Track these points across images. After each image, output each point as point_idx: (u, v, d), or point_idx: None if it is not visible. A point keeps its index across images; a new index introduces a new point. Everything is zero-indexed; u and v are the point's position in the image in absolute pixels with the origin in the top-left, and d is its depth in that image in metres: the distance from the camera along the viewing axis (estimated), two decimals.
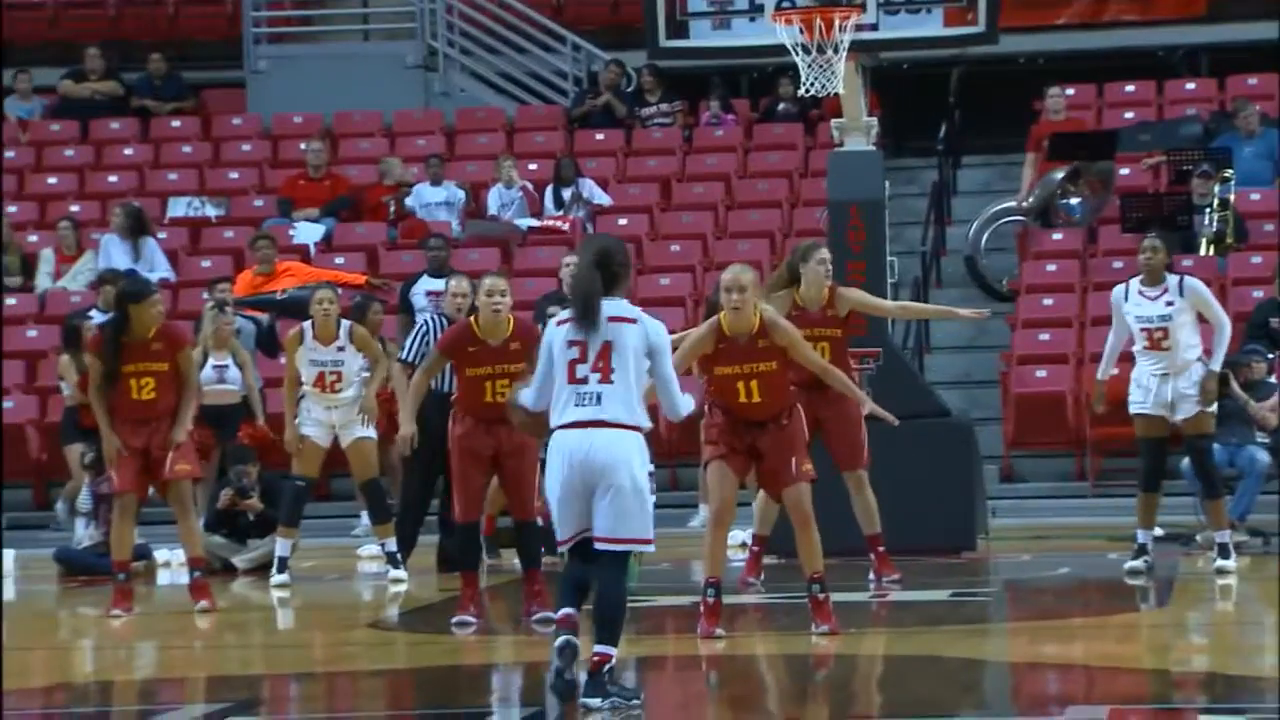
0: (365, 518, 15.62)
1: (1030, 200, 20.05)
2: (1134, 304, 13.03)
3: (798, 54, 14.48)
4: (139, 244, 19.61)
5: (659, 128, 22.00)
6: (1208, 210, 18.88)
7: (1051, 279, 19.51)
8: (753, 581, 12.75)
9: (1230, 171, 19.06)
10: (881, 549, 12.73)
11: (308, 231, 20.35)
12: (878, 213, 15.01)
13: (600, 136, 21.97)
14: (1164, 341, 12.92)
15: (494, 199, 20.75)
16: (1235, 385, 15.22)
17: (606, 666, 8.69)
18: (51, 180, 21.80)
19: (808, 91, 14.72)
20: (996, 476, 17.77)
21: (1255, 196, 19.67)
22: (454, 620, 11.43)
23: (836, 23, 14.33)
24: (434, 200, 20.71)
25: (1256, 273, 18.49)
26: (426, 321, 13.80)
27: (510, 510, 11.98)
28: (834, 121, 15.45)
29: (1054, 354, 18.44)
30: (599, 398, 8.76)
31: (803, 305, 12.67)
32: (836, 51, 14.41)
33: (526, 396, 9.06)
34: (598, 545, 8.78)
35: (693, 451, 12.00)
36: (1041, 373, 18.29)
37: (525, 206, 20.65)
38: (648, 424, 8.90)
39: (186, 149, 22.23)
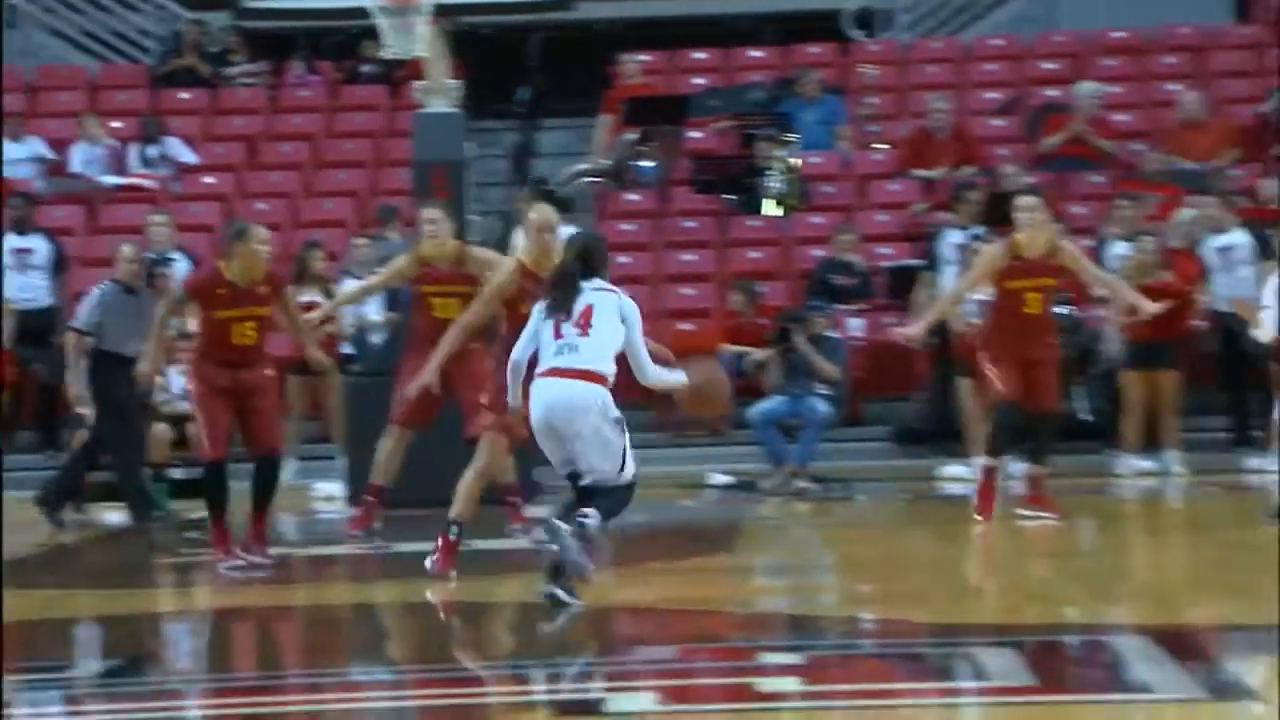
0: None
1: (606, 162, 20.24)
2: None
3: (380, 16, 14.39)
4: None
5: (245, 88, 21.66)
6: (772, 172, 19.26)
7: (627, 238, 19.70)
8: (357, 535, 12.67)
9: (793, 135, 19.48)
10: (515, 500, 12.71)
11: None
12: (460, 173, 15.04)
13: (185, 96, 21.54)
14: None
15: (78, 157, 20.21)
16: (799, 339, 15.57)
17: (588, 518, 9.38)
18: None
19: (391, 54, 14.65)
20: None
21: (816, 160, 20.13)
22: (224, 566, 11.32)
23: None
24: (16, 157, 20.07)
25: (817, 232, 18.93)
26: (103, 291, 13.84)
27: (253, 445, 11.69)
28: (416, 84, 15.40)
29: (651, 310, 18.60)
30: (577, 348, 9.62)
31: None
32: (419, 15, 14.36)
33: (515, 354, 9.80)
34: (584, 483, 9.60)
35: None
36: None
37: (110, 164, 20.17)
38: (613, 375, 9.76)
39: None
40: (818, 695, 7.41)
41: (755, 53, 22.29)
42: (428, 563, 10.60)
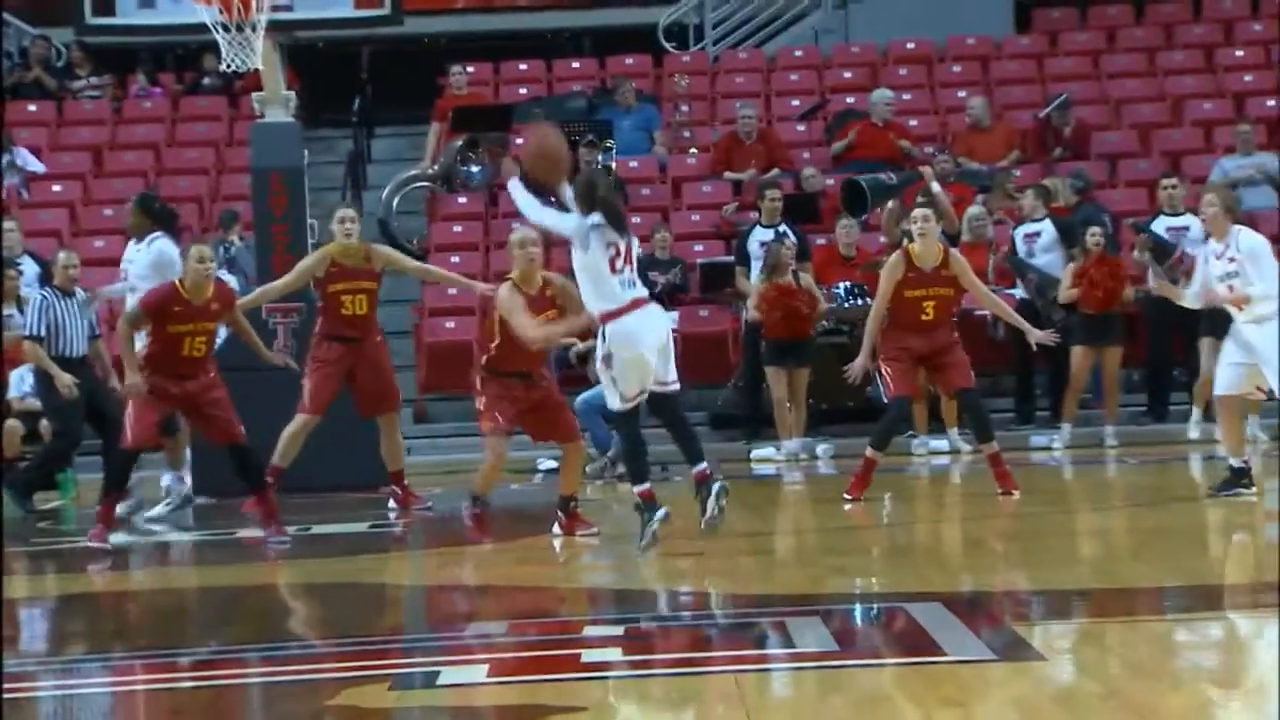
0: None
1: (435, 168, 20.17)
2: None
3: (218, 32, 14.26)
4: None
5: (90, 100, 21.37)
6: None
7: (457, 239, 19.69)
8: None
9: (612, 141, 19.52)
10: (406, 483, 13.03)
11: None
12: (298, 179, 14.94)
13: (32, 108, 21.23)
14: None
15: None
16: None
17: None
18: None
19: (229, 67, 14.51)
20: (410, 418, 17.85)
21: (634, 164, 20.20)
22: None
23: (253, 3, 14.15)
24: None
25: (636, 231, 18.89)
26: (45, 296, 13.65)
27: (219, 439, 11.65)
28: (255, 95, 15.28)
29: (461, 307, 18.62)
30: (634, 281, 10.48)
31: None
32: (255, 30, 14.23)
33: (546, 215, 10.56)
34: (670, 389, 10.51)
35: None
36: (450, 324, 18.46)
37: None
38: None
39: None
40: (638, 665, 7.45)
41: (575, 64, 22.33)
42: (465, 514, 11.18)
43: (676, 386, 10.65)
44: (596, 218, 10.42)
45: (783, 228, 17.10)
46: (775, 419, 16.24)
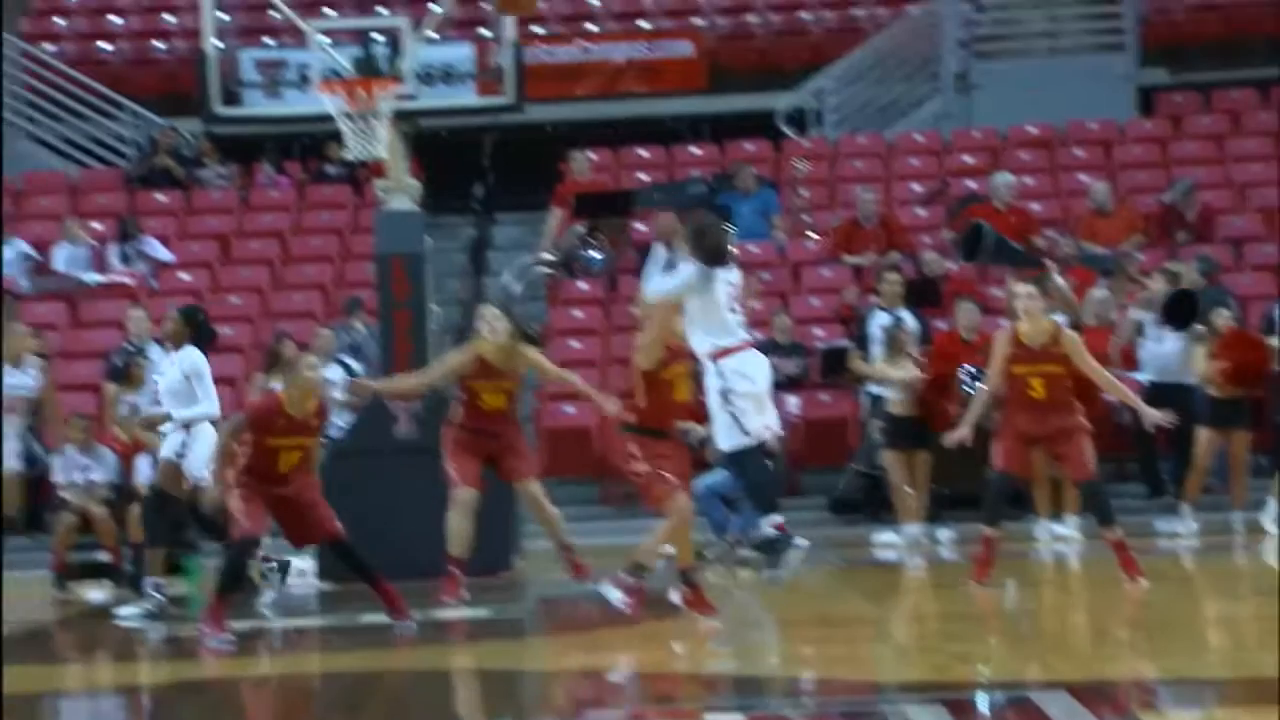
0: None
1: (556, 253, 20.27)
2: None
3: (343, 121, 14.45)
4: None
5: (217, 189, 21.68)
6: None
7: (577, 324, 19.76)
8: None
9: (731, 226, 19.50)
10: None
11: None
12: (420, 266, 15.05)
13: (161, 197, 21.56)
14: None
15: (60, 256, 20.20)
16: None
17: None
18: None
19: (353, 156, 14.70)
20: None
21: (754, 248, 20.22)
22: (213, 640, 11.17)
23: (377, 93, 14.34)
24: (2, 258, 20.07)
25: (756, 316, 18.94)
26: None
27: (318, 538, 11.65)
28: (378, 182, 15.44)
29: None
30: (742, 322, 10.87)
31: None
32: (378, 119, 14.42)
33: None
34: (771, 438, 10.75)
35: None
36: (570, 409, 18.50)
37: (91, 262, 20.16)
38: None
39: None
40: None
41: (695, 149, 22.42)
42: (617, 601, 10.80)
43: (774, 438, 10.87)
44: (713, 262, 10.61)
45: (899, 312, 17.06)
46: (895, 503, 16.15)
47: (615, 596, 10.84)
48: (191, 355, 13.30)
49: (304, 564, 15.26)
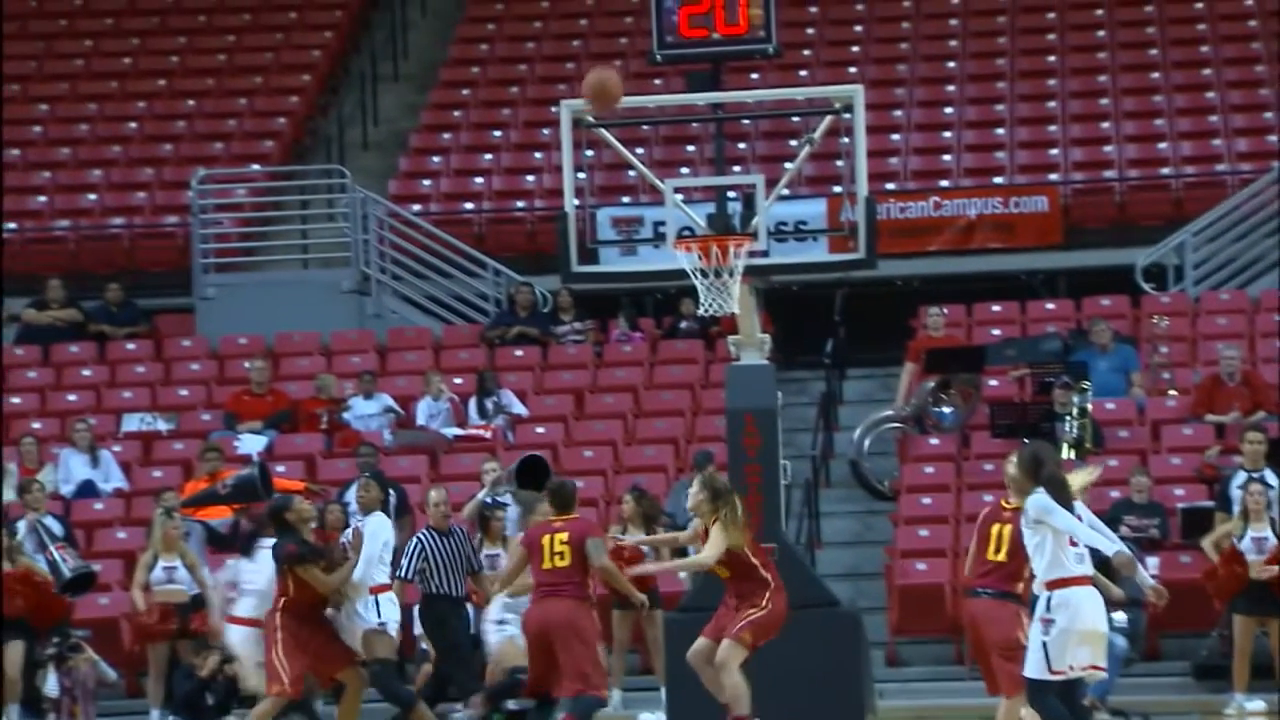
0: None
1: (907, 409, 20.19)
2: None
3: (697, 277, 14.60)
4: (96, 455, 19.57)
5: (572, 344, 22.09)
6: (1068, 418, 19.03)
7: (929, 480, 19.58)
8: None
9: (1087, 383, 19.26)
10: None
11: (251, 443, 20.23)
12: (771, 420, 15.05)
13: (519, 352, 22.02)
14: None
15: (422, 410, 20.74)
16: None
17: None
18: (15, 400, 21.58)
19: (707, 311, 14.82)
20: (883, 661, 17.70)
21: (1110, 406, 19.87)
22: None
23: (731, 250, 14.47)
24: (367, 412, 20.68)
25: (1112, 475, 18.60)
26: (420, 539, 14.53)
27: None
28: (730, 338, 15.54)
29: (933, 549, 18.46)
30: (1082, 557, 10.58)
31: None
32: (732, 275, 14.53)
33: None
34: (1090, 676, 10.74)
35: None
36: (922, 565, 18.30)
37: (451, 416, 20.65)
38: None
39: (140, 369, 22.13)
40: None
41: (1050, 305, 22.16)
42: None
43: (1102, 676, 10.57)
44: (1058, 497, 10.38)
45: (1258, 473, 16.57)
46: (1234, 670, 15.59)
47: None
48: (267, 554, 13.71)
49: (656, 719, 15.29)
